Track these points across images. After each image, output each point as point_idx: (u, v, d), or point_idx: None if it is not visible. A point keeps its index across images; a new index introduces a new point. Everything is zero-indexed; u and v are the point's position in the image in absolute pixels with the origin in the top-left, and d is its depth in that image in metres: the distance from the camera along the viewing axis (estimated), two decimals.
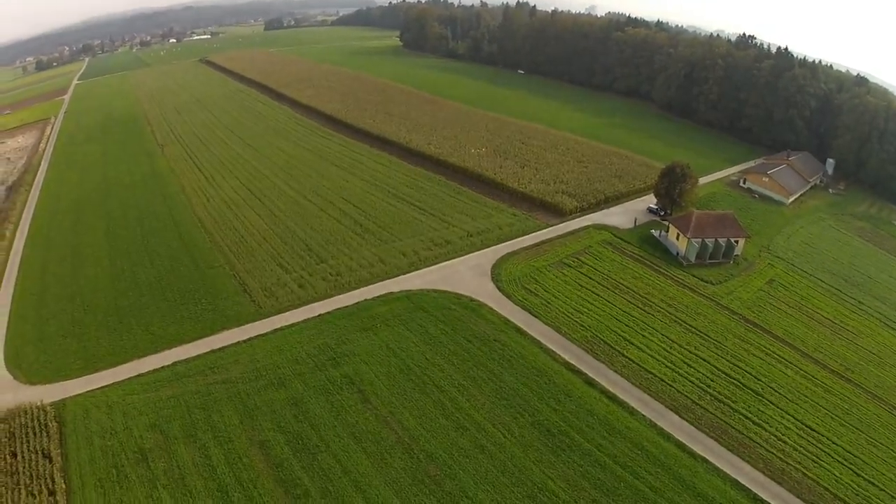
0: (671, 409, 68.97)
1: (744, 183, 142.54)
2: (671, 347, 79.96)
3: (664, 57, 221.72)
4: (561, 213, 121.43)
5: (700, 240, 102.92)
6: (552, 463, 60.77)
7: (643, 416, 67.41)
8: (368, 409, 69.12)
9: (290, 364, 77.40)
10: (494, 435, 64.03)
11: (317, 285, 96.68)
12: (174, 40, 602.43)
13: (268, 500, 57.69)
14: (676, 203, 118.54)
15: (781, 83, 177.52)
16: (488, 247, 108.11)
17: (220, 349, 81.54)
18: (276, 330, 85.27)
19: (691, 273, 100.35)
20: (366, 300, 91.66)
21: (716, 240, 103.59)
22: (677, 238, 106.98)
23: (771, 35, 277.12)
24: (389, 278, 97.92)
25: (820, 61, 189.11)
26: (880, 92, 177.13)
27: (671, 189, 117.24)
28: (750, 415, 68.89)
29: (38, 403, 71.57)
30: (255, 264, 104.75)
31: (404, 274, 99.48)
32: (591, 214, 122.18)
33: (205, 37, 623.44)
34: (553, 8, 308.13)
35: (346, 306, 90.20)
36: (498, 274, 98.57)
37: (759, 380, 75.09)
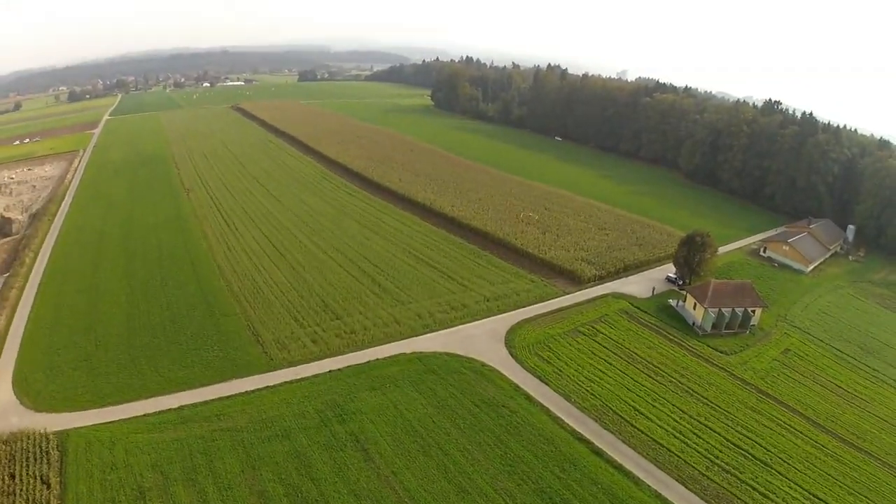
0: (678, 481, 70.86)
1: (764, 252, 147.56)
2: (681, 418, 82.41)
3: (690, 124, 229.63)
4: (579, 281, 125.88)
5: (717, 309, 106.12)
6: None
7: (648, 486, 69.21)
8: (371, 467, 71.58)
9: (296, 417, 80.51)
10: (496, 501, 65.99)
11: (330, 341, 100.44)
12: (208, 84, 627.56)
13: None
14: (695, 272, 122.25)
15: (805, 149, 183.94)
16: (504, 312, 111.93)
17: (227, 397, 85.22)
18: (285, 383, 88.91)
19: (706, 343, 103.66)
20: (377, 359, 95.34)
21: (733, 309, 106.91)
22: (694, 308, 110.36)
23: (797, 100, 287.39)
24: (403, 339, 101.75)
25: (844, 126, 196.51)
26: None
27: (690, 258, 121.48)
28: (756, 485, 70.62)
29: (42, 430, 75.63)
30: (271, 316, 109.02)
31: (418, 336, 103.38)
32: (610, 283, 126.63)
33: (238, 83, 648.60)
34: (584, 72, 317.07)
35: (358, 364, 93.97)
36: (511, 340, 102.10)
37: (768, 450, 77.40)
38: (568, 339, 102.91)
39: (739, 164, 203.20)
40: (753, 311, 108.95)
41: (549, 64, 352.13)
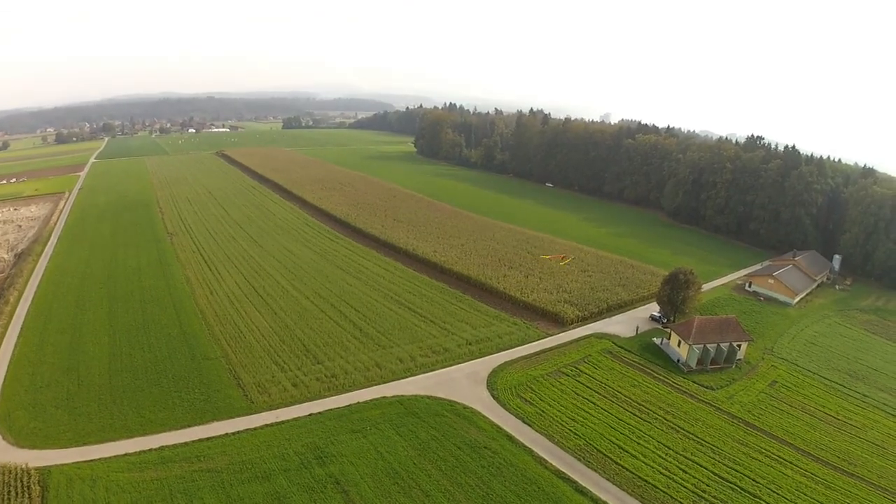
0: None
1: (749, 286, 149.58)
2: (667, 454, 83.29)
3: (673, 163, 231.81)
4: (562, 323, 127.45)
5: (702, 346, 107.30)
6: None
7: None
8: None
9: (276, 459, 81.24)
10: None
11: (311, 385, 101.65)
12: (193, 130, 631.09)
13: None
14: (679, 310, 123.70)
15: (788, 182, 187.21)
16: (486, 355, 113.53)
17: (208, 438, 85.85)
18: (265, 425, 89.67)
19: (691, 379, 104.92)
20: (358, 403, 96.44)
21: (718, 345, 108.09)
22: (679, 345, 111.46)
23: (780, 134, 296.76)
24: (384, 383, 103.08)
25: (829, 157, 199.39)
26: (887, 181, 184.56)
27: (674, 296, 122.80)
28: None
29: (24, 466, 76.33)
30: (252, 360, 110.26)
31: (399, 379, 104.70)
32: (593, 323, 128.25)
33: (223, 130, 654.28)
34: (566, 115, 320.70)
35: (338, 407, 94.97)
36: (493, 382, 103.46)
37: (756, 482, 78.29)
38: (550, 381, 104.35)
39: (723, 201, 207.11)
40: (739, 346, 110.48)
41: (532, 109, 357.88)
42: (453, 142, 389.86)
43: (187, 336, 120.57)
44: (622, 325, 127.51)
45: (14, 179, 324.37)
